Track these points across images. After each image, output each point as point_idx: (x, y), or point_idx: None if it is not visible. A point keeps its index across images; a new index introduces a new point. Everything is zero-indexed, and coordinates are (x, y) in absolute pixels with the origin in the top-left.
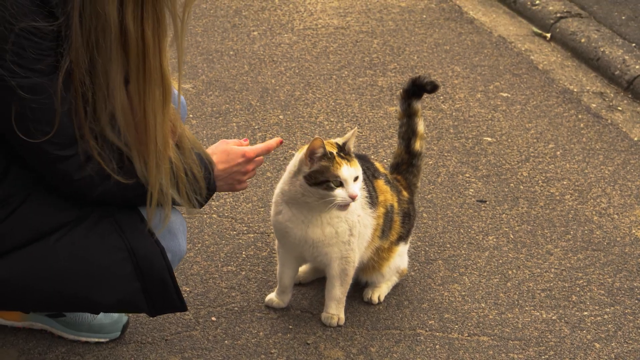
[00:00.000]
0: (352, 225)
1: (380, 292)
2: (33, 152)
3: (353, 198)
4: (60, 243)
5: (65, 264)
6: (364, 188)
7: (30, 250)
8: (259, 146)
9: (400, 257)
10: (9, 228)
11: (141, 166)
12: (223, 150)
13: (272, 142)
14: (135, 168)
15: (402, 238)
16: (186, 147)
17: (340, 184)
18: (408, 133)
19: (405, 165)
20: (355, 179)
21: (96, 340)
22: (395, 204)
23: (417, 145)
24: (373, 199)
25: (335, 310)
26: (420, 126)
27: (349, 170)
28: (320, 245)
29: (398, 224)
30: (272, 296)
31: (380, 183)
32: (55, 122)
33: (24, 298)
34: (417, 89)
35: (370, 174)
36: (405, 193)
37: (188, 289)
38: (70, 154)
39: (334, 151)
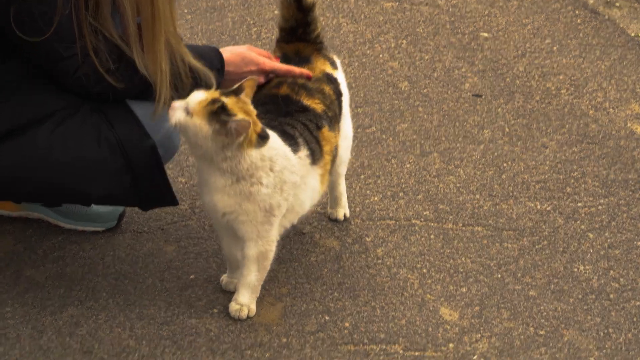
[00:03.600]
0: (270, 207)
1: (344, 208)
2: (33, 49)
3: None
4: (53, 135)
5: (56, 155)
6: (304, 146)
7: (21, 141)
8: (280, 65)
9: (343, 151)
10: (1, 115)
11: (141, 59)
12: (239, 54)
13: (297, 69)
14: (136, 62)
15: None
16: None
17: None
18: None
19: (302, 28)
20: None
21: (92, 229)
22: (337, 138)
23: None
24: (316, 154)
25: (248, 299)
26: None
27: None
28: (230, 219)
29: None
30: (225, 277)
31: (325, 131)
32: (53, 22)
33: (15, 188)
34: None
35: (314, 127)
36: (327, 88)
37: (184, 180)
38: (69, 55)
39: None
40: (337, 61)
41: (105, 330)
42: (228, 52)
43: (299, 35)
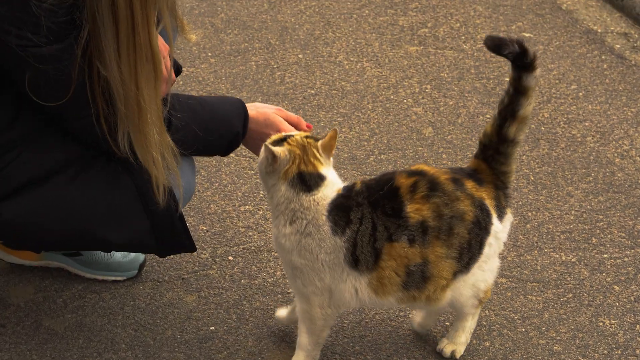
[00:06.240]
0: (292, 263)
1: (455, 345)
2: (48, 110)
3: None
4: (73, 184)
5: (76, 203)
6: (347, 241)
7: (41, 190)
8: (296, 132)
9: (463, 289)
10: (20, 167)
11: (127, 140)
12: (263, 113)
13: (304, 124)
14: (135, 149)
15: (459, 272)
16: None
17: None
18: (507, 111)
19: (492, 152)
20: None
21: (113, 278)
22: (421, 256)
23: (512, 130)
24: (361, 263)
25: None
26: (526, 109)
27: None
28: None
29: (446, 268)
30: (281, 312)
31: (398, 246)
32: (70, 89)
33: (37, 238)
34: (521, 57)
35: (383, 236)
36: (463, 203)
37: (205, 228)
38: (84, 115)
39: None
40: (509, 213)
41: None
42: (254, 110)
43: (487, 156)
